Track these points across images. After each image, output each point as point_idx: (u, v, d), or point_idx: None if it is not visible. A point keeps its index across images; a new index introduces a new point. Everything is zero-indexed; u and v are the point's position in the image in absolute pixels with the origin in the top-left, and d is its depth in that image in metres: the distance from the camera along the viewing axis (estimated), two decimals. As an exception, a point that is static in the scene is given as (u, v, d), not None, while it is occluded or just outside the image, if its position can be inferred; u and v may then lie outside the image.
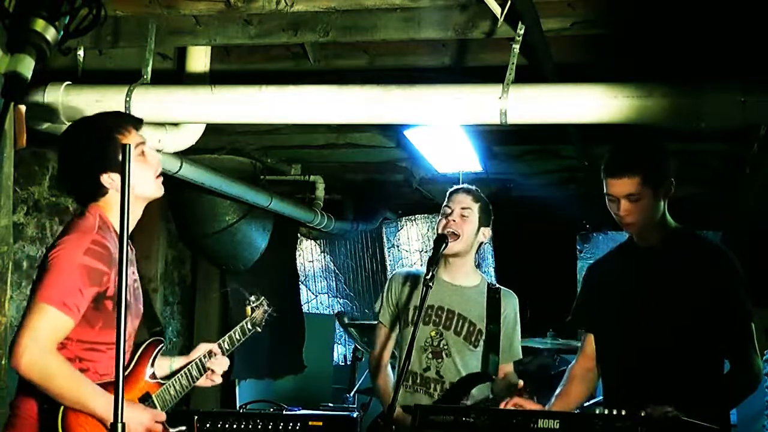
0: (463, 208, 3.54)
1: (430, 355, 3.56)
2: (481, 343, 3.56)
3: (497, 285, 3.74)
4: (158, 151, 3.19)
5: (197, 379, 2.97)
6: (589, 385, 3.22)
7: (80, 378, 2.59)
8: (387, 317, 3.73)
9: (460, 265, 3.60)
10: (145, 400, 2.79)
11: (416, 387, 3.56)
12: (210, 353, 3.01)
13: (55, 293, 2.50)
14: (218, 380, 3.07)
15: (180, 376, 2.92)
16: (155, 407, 2.80)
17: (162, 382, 2.88)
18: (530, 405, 3.00)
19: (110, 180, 2.66)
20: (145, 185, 2.76)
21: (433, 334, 3.56)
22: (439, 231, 3.55)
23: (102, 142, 2.67)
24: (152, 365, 2.87)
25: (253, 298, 3.29)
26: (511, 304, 3.65)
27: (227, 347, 3.09)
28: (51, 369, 2.50)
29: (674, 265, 2.98)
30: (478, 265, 3.87)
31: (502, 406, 2.99)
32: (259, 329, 3.24)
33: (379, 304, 3.78)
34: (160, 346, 2.93)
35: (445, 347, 3.55)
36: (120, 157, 2.46)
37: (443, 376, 3.53)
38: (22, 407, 2.62)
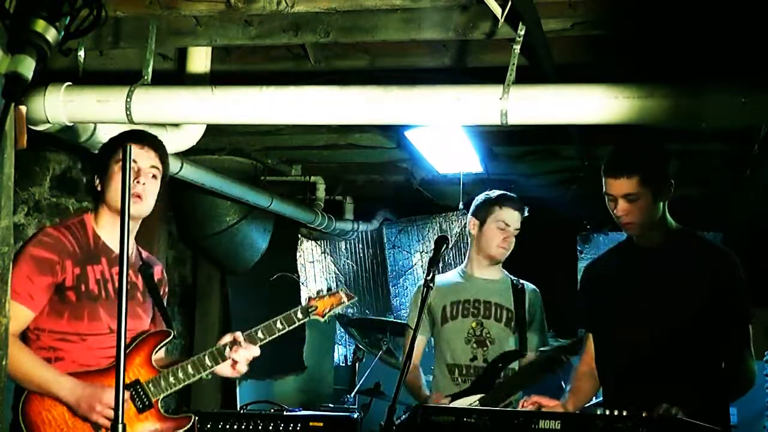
0: (516, 229, 3.87)
1: (474, 345, 3.79)
2: (515, 327, 3.83)
3: (519, 280, 4.03)
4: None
5: (210, 367, 2.98)
6: (595, 382, 3.23)
7: (40, 363, 2.75)
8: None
9: (491, 264, 3.91)
10: (133, 386, 2.84)
11: (463, 378, 3.78)
12: (234, 342, 3.02)
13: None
14: (243, 370, 3.08)
15: (186, 364, 2.95)
16: (146, 393, 2.86)
17: (160, 370, 2.93)
18: (550, 402, 3.01)
19: (96, 181, 2.97)
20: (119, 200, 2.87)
21: (474, 325, 3.82)
22: (492, 246, 3.83)
23: (99, 152, 3.08)
24: (152, 354, 2.93)
25: (326, 288, 3.25)
26: (535, 296, 3.95)
27: (262, 337, 3.06)
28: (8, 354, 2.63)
29: (672, 265, 2.97)
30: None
31: (521, 405, 3.03)
32: (321, 319, 3.18)
33: (409, 311, 4.10)
34: (166, 338, 2.99)
35: (488, 335, 3.81)
36: (103, 161, 2.93)
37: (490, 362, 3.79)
38: None
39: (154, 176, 2.96)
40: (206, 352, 3.00)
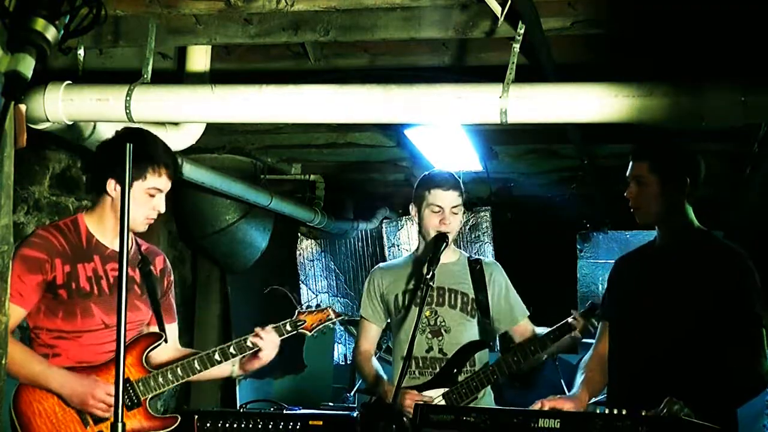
0: (453, 207, 3.58)
1: (429, 335, 3.60)
2: (476, 312, 3.62)
3: (476, 257, 3.82)
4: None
5: (198, 370, 3.03)
6: (606, 374, 3.22)
7: (32, 356, 2.83)
8: (369, 311, 3.77)
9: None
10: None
11: (420, 370, 3.59)
12: (245, 340, 3.10)
13: None
14: (257, 364, 3.17)
15: (176, 366, 3.01)
16: (135, 391, 2.93)
17: (150, 370, 3.00)
18: (566, 404, 2.98)
19: (111, 185, 2.95)
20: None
21: (428, 313, 3.61)
22: (431, 231, 3.57)
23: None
24: (143, 355, 3.00)
25: (314, 305, 3.29)
26: (495, 270, 3.72)
27: (250, 345, 3.12)
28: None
29: (687, 265, 3.01)
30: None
31: (536, 407, 2.93)
32: (308, 333, 3.29)
33: (361, 300, 3.83)
34: (158, 340, 3.05)
35: (443, 324, 3.61)
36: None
37: (447, 353, 3.59)
38: None
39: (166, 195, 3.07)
40: (196, 357, 3.06)
